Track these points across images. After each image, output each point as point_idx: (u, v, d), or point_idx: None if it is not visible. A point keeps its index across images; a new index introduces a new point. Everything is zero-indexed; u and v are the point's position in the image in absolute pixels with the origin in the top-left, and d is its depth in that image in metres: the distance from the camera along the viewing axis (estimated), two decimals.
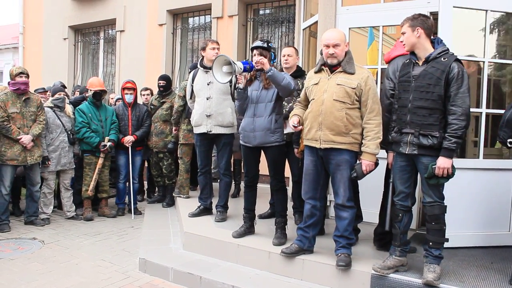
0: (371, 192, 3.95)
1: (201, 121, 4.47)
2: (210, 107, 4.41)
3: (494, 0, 3.68)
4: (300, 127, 3.34)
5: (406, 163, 2.98)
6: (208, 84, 4.44)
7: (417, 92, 2.88)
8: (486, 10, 3.73)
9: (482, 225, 3.76)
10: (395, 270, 3.02)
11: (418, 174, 3.04)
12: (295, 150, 3.99)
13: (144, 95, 6.16)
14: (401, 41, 3.03)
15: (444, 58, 2.85)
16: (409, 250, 3.18)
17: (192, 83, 4.62)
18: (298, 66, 4.35)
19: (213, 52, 4.46)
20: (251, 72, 3.72)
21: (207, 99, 4.43)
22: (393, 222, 3.06)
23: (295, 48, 4.38)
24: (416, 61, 2.96)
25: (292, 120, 3.33)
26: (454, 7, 3.58)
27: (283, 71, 4.13)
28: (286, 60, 4.20)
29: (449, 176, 2.81)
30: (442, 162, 2.78)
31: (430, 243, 2.92)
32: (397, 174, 3.05)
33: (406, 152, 2.93)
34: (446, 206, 2.91)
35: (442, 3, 3.59)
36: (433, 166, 2.79)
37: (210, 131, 4.44)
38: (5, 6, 31.69)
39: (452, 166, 2.80)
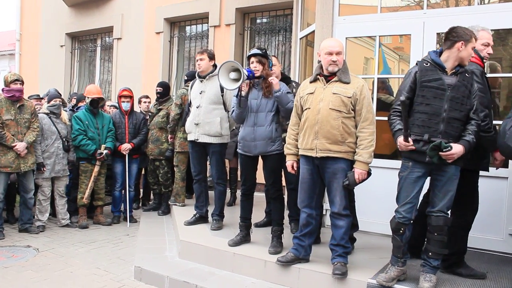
0: (367, 201, 3.96)
1: (191, 129, 4.53)
2: (199, 116, 4.45)
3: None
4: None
5: (423, 175, 2.93)
6: (200, 93, 4.49)
7: (453, 102, 2.86)
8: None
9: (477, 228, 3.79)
10: (397, 280, 3.01)
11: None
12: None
13: (145, 102, 6.13)
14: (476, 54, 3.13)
15: (467, 74, 2.92)
16: (478, 276, 3.15)
17: (191, 91, 4.68)
18: (283, 73, 4.39)
19: (197, 63, 4.54)
20: (251, 80, 3.73)
21: (197, 107, 4.47)
22: (395, 235, 3.00)
23: (275, 57, 4.43)
24: (445, 69, 2.92)
25: (289, 167, 3.41)
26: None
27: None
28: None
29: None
30: (459, 150, 2.80)
31: (430, 253, 2.92)
32: (410, 185, 2.94)
33: (437, 161, 2.83)
34: (451, 218, 2.93)
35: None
36: (446, 144, 2.78)
37: (197, 139, 4.48)
38: (2, 12, 31.71)
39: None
